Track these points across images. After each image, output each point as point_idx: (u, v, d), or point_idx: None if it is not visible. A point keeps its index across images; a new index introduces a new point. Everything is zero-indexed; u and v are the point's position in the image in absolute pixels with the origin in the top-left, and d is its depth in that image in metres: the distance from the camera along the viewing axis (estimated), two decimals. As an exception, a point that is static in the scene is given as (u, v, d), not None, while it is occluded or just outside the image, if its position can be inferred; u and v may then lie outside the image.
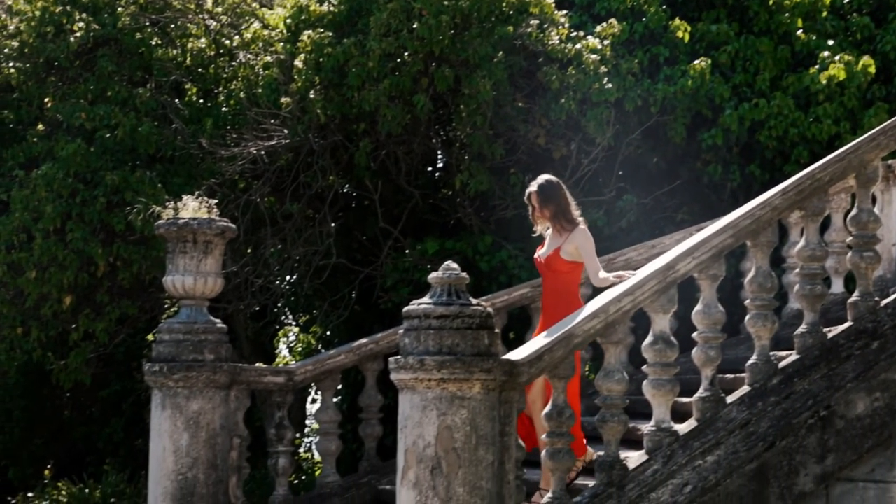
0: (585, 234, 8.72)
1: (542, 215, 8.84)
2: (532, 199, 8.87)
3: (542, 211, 8.81)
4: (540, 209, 8.82)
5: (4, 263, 11.72)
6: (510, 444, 7.23)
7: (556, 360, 7.52)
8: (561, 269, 8.69)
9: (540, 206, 8.81)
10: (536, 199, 8.82)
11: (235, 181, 12.86)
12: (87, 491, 11.14)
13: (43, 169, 11.81)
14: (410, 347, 7.12)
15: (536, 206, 8.83)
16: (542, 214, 8.83)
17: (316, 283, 13.12)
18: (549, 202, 8.76)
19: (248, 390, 9.99)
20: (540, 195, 8.80)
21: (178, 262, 9.69)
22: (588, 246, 8.65)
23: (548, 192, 8.78)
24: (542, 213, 8.81)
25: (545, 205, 8.78)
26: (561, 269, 8.69)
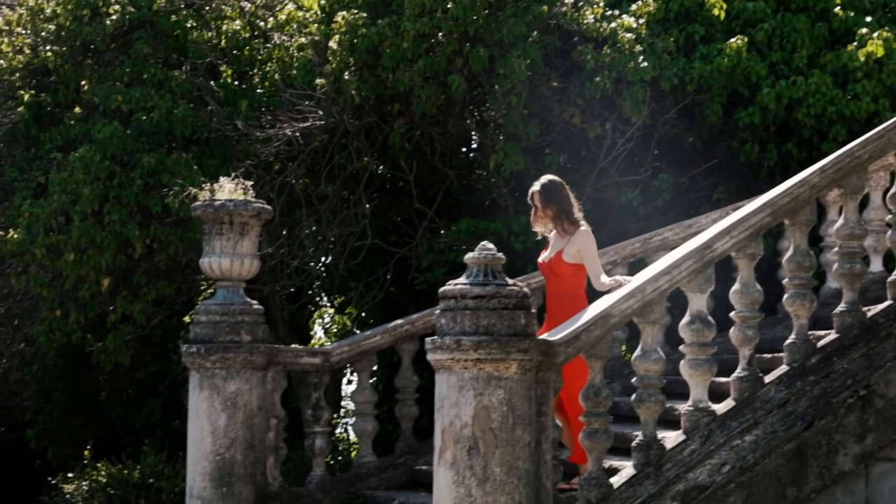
0: (588, 237, 8.63)
1: (544, 216, 8.75)
2: (534, 199, 8.77)
3: (544, 211, 8.72)
4: (542, 209, 8.73)
5: (43, 246, 11.78)
6: (547, 424, 7.24)
7: (593, 340, 7.52)
8: (564, 272, 8.59)
9: (542, 207, 8.72)
10: (539, 200, 8.73)
11: (270, 163, 12.88)
12: (126, 471, 11.19)
13: (80, 152, 11.86)
14: (447, 328, 7.13)
15: (539, 206, 8.73)
16: (544, 215, 8.74)
17: (351, 265, 13.14)
18: (552, 203, 8.67)
19: (285, 371, 10.04)
20: (542, 195, 8.71)
21: (214, 244, 9.74)
22: (590, 249, 8.56)
23: (550, 193, 8.69)
24: (545, 213, 8.72)
25: (547, 205, 8.70)
26: (564, 272, 8.59)
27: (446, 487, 7.06)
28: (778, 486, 7.78)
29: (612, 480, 7.62)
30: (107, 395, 17.55)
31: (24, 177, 12.57)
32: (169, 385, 15.94)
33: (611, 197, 12.43)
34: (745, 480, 7.72)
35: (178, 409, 15.35)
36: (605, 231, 12.48)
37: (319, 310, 18.25)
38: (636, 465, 7.68)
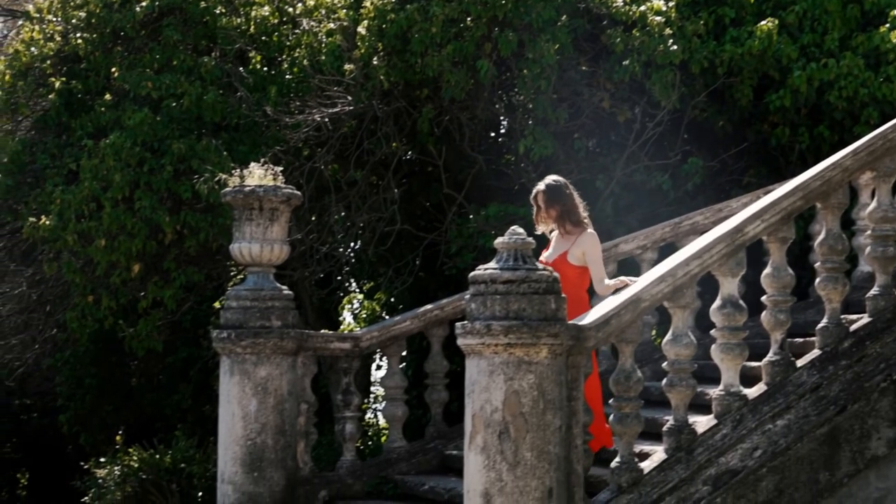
0: (593, 239, 8.53)
1: (547, 216, 8.64)
2: (538, 198, 8.66)
3: (547, 212, 8.61)
4: (546, 210, 8.61)
5: (75, 232, 11.84)
6: (578, 409, 7.22)
7: (624, 325, 7.49)
8: (568, 274, 8.34)
9: (546, 207, 8.60)
10: (542, 200, 8.61)
11: (299, 149, 12.90)
12: (158, 456, 11.26)
13: (111, 138, 11.91)
14: (477, 312, 7.11)
15: (542, 206, 8.61)
16: (547, 215, 8.63)
17: (380, 250, 13.16)
18: (556, 203, 8.57)
19: (315, 356, 10.05)
20: (546, 195, 8.60)
21: (244, 230, 9.75)
22: (595, 251, 8.46)
23: (554, 193, 8.59)
24: (549, 213, 8.61)
25: (551, 205, 8.59)
26: (568, 274, 8.34)
27: (477, 472, 7.05)
28: (810, 471, 7.74)
29: (643, 465, 7.61)
30: (137, 380, 17.65)
31: (55, 164, 12.64)
32: (199, 371, 16.01)
33: (640, 181, 12.40)
34: (777, 465, 7.68)
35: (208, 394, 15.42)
36: (634, 215, 12.47)
37: (348, 295, 18.28)
38: (667, 450, 7.66)
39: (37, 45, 13.26)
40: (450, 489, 9.30)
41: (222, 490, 9.67)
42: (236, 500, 9.54)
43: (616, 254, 11.03)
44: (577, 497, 7.18)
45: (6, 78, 13.17)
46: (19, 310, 15.94)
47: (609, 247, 11.07)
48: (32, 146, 13.05)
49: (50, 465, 22.91)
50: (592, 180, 12.49)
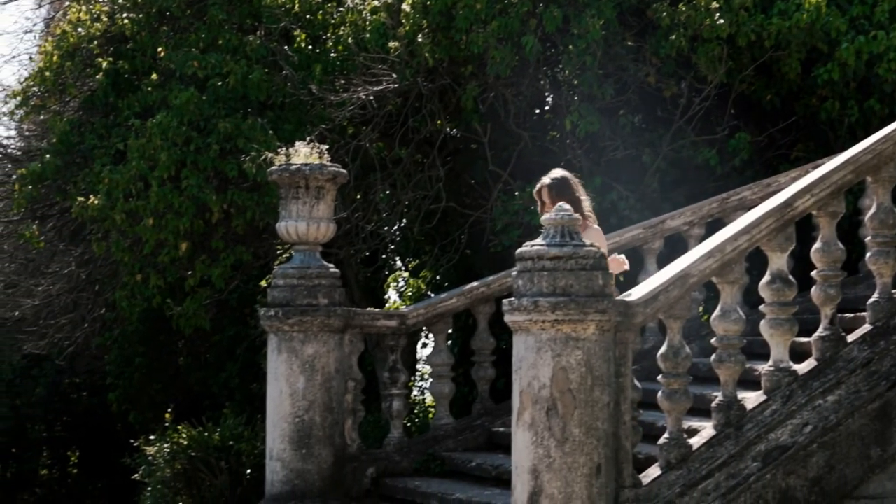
0: (599, 235, 8.38)
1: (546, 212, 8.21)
2: (543, 193, 8.50)
3: (549, 206, 8.33)
4: (552, 204, 8.30)
5: (123, 211, 11.92)
6: (626, 385, 7.20)
7: (672, 300, 7.46)
8: None
9: (551, 201, 8.35)
10: (548, 195, 8.44)
11: (344, 127, 12.91)
12: (206, 434, 11.33)
13: (158, 118, 11.97)
14: (524, 289, 7.10)
15: (548, 201, 8.41)
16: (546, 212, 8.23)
17: (425, 228, 13.16)
18: (562, 197, 8.27)
19: (362, 334, 10.08)
20: (553, 190, 8.43)
21: (290, 208, 9.78)
22: (602, 247, 8.10)
23: (560, 187, 8.43)
24: (550, 207, 8.24)
25: (557, 199, 8.25)
26: None
27: (525, 448, 7.06)
28: (861, 447, 7.68)
29: (692, 441, 7.57)
30: (185, 359, 17.80)
31: (103, 143, 12.72)
32: (246, 349, 16.12)
33: (687, 157, 12.32)
34: (827, 441, 7.63)
35: (255, 372, 15.53)
36: (681, 191, 12.39)
37: (394, 273, 18.32)
38: (716, 426, 7.62)
39: (84, 25, 13.34)
40: (497, 466, 9.31)
41: (271, 467, 9.74)
42: (285, 476, 9.60)
43: (663, 230, 10.97)
44: (625, 473, 7.18)
45: (54, 59, 13.25)
46: (69, 289, 16.10)
47: (656, 223, 11.02)
48: (80, 126, 13.14)
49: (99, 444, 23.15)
50: (639, 156, 12.42)
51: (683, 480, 7.37)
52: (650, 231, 10.96)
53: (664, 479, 7.35)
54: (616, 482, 7.12)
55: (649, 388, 8.28)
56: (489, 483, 9.24)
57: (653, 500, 7.24)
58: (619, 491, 7.13)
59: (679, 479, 7.38)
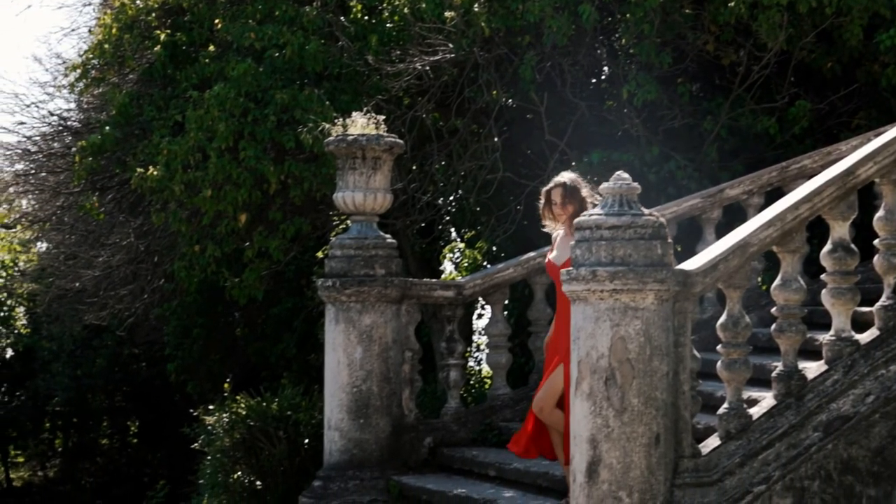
0: None
1: (562, 212, 8.18)
2: (554, 195, 8.22)
3: (563, 208, 8.17)
4: (562, 206, 8.17)
5: (181, 182, 12.00)
6: (685, 355, 7.16)
7: (731, 269, 7.40)
8: None
9: (562, 203, 8.17)
10: (560, 195, 8.18)
11: (401, 97, 12.90)
12: (265, 404, 11.41)
13: (215, 89, 12.02)
14: (582, 259, 7.08)
15: (558, 202, 8.18)
16: (563, 212, 8.17)
17: (482, 198, 13.13)
18: (573, 200, 8.15)
19: (419, 304, 10.10)
20: (565, 192, 8.17)
21: (347, 179, 9.80)
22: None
23: (573, 190, 8.17)
24: (564, 210, 8.16)
25: (568, 202, 8.16)
26: None
27: (583, 418, 7.05)
28: (924, 417, 7.61)
29: (752, 411, 7.52)
30: (242, 330, 17.93)
31: (161, 115, 12.80)
32: (303, 320, 16.21)
33: (746, 125, 12.19)
34: (890, 411, 7.55)
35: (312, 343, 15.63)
36: (740, 160, 12.28)
37: (450, 244, 18.33)
38: (776, 396, 7.56)
39: (142, -3, 13.41)
40: (556, 434, 9.30)
41: (329, 436, 9.80)
42: (343, 446, 9.66)
43: (721, 199, 10.88)
44: (684, 443, 7.15)
45: (113, 31, 13.33)
46: (128, 260, 16.25)
47: (714, 192, 10.93)
48: (139, 98, 13.23)
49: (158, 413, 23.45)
50: (697, 125, 12.32)
51: (743, 450, 7.33)
52: (708, 201, 10.87)
53: (723, 449, 7.32)
54: (675, 452, 7.10)
55: (708, 359, 8.24)
56: (547, 453, 9.23)
57: (712, 470, 7.21)
58: (679, 461, 7.11)
59: (739, 449, 7.34)
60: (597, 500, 6.94)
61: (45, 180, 17.11)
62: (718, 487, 7.18)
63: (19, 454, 27.71)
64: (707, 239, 10.70)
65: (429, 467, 9.85)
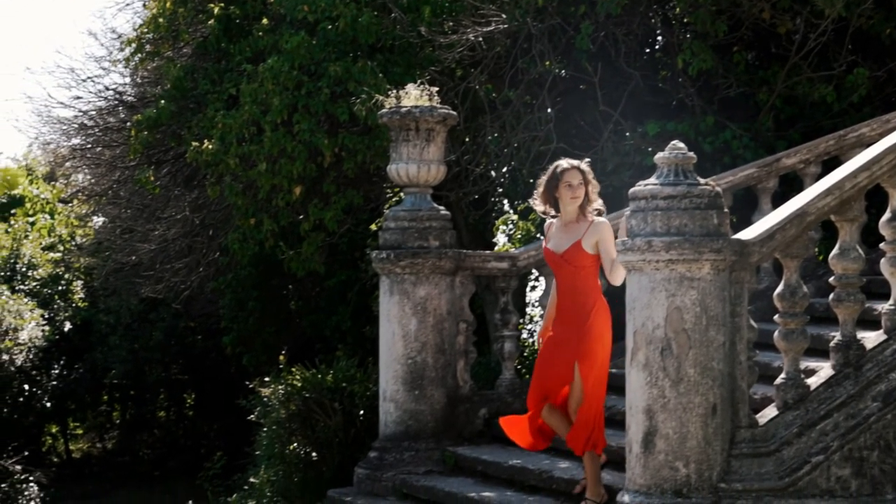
0: (609, 229, 7.90)
1: (574, 196, 7.86)
2: (573, 175, 7.88)
3: (578, 190, 7.86)
4: (577, 188, 7.86)
5: (236, 156, 12.05)
6: (742, 325, 7.13)
7: (789, 239, 7.35)
8: (584, 263, 7.89)
9: (580, 185, 7.88)
10: (580, 177, 7.88)
11: (453, 69, 12.87)
12: (320, 376, 11.46)
13: (269, 62, 12.05)
14: (637, 229, 7.06)
15: (575, 184, 7.88)
16: (575, 195, 7.85)
17: (535, 169, 13.07)
18: (587, 184, 7.93)
19: (473, 276, 10.10)
20: (584, 174, 7.91)
21: (401, 151, 9.81)
22: (611, 240, 7.78)
23: (587, 175, 7.94)
24: (577, 193, 7.85)
25: (586, 184, 7.91)
26: (584, 263, 7.89)
27: (639, 388, 7.04)
28: (985, 387, 7.51)
29: (809, 381, 7.47)
30: (296, 303, 18.00)
31: (215, 89, 12.86)
32: (358, 292, 16.24)
33: (803, 94, 12.05)
34: (949, 381, 7.48)
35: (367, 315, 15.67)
36: (796, 129, 12.16)
37: (503, 216, 18.29)
38: (835, 366, 7.50)
39: (196, -28, 13.47)
40: (609, 407, 9.28)
41: (384, 408, 9.85)
42: (398, 417, 9.71)
43: (777, 168, 10.79)
44: (741, 414, 7.12)
45: (167, 5, 13.40)
46: (183, 234, 16.38)
47: (770, 161, 10.84)
48: (193, 72, 13.30)
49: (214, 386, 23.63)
50: (752, 94, 12.20)
51: (801, 421, 7.29)
52: (764, 170, 10.78)
53: (781, 419, 7.28)
54: (732, 422, 7.08)
55: (765, 329, 8.18)
56: (602, 424, 9.22)
57: (769, 441, 7.18)
58: (735, 431, 7.09)
59: (796, 419, 7.30)
60: (653, 471, 6.93)
61: (101, 155, 17.26)
62: (776, 458, 7.15)
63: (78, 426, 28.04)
64: (763, 209, 10.61)
65: (483, 438, 9.87)
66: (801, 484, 7.16)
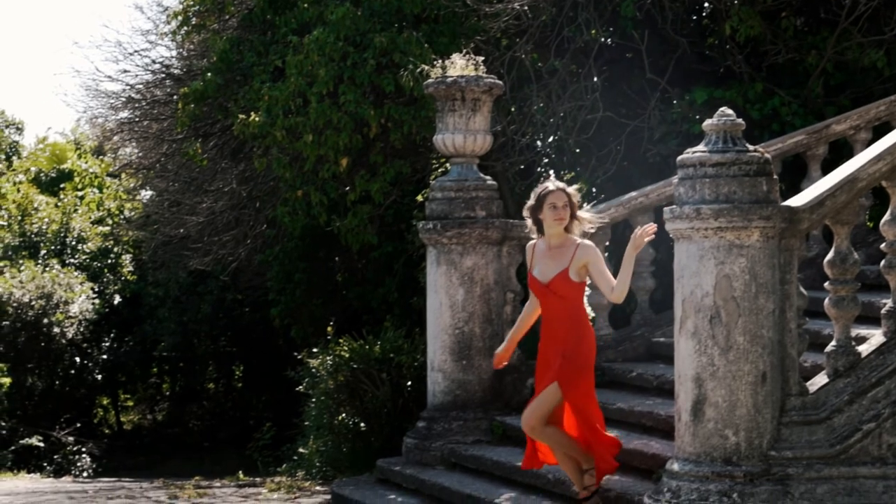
0: (596, 251, 7.51)
1: (558, 218, 7.47)
2: (557, 196, 7.49)
3: (563, 212, 7.47)
4: (562, 209, 7.48)
5: (283, 128, 12.07)
6: (791, 292, 7.08)
7: (839, 206, 7.28)
8: (570, 295, 7.51)
9: (563, 207, 7.48)
10: (564, 199, 7.50)
11: (499, 38, 12.83)
12: (367, 347, 11.51)
13: (314, 34, 12.05)
14: (685, 197, 7.02)
15: (560, 206, 7.48)
16: (558, 217, 7.47)
17: (581, 139, 13.04)
18: (572, 206, 7.55)
19: (519, 246, 10.08)
20: (567, 196, 7.51)
21: (447, 121, 9.80)
22: (601, 262, 7.45)
23: (573, 197, 7.55)
24: (563, 214, 7.47)
25: (569, 207, 7.52)
26: (570, 295, 7.51)
27: (688, 357, 7.01)
28: None
29: (860, 349, 7.41)
30: (343, 275, 18.05)
31: (261, 61, 12.88)
32: (404, 264, 16.26)
33: (853, 59, 11.92)
34: None
35: (413, 286, 15.68)
36: (846, 95, 12.03)
37: (549, 186, 18.22)
38: (886, 333, 7.43)
39: (240, -57, 13.48)
40: (658, 376, 9.28)
41: (432, 378, 9.88)
42: (446, 387, 9.74)
43: (827, 135, 10.68)
44: (791, 381, 7.08)
45: (212, -22, 13.45)
46: (231, 206, 16.47)
47: (820, 128, 10.73)
48: (239, 44, 13.32)
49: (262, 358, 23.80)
50: (801, 60, 12.08)
51: (852, 388, 7.23)
52: (814, 137, 10.68)
53: (831, 386, 7.23)
54: (782, 390, 7.04)
55: (815, 297, 8.11)
56: (650, 392, 9.22)
57: (820, 408, 7.13)
58: (786, 399, 7.05)
59: (847, 386, 7.24)
60: (703, 439, 6.91)
61: (148, 128, 17.38)
62: (826, 425, 7.10)
63: (129, 398, 28.38)
64: (812, 176, 10.53)
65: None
66: (853, 451, 7.11)
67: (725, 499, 6.79)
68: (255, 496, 11.13)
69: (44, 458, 18.97)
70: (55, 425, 20.61)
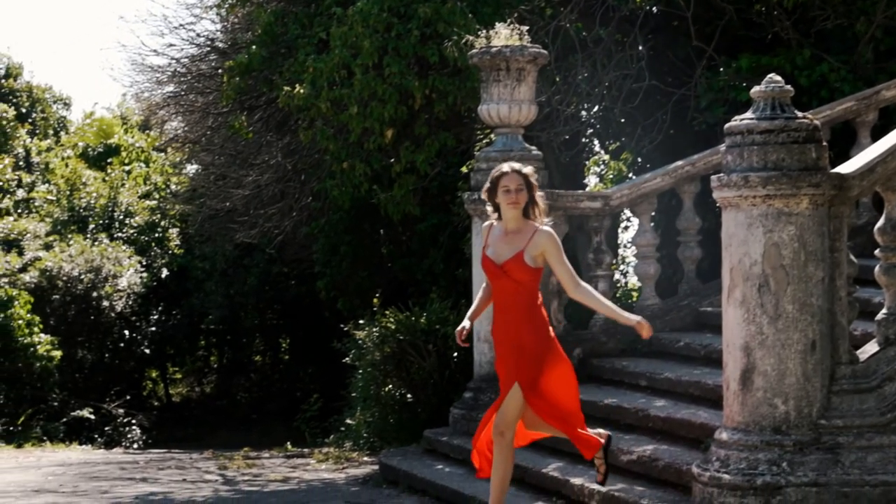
0: (554, 238, 7.03)
1: (512, 202, 6.97)
2: (511, 179, 7.01)
3: (517, 196, 7.00)
4: (517, 194, 7.00)
5: (328, 100, 12.06)
6: (841, 260, 7.02)
7: (890, 172, 7.20)
8: (524, 279, 7.00)
9: (517, 190, 6.99)
10: (519, 182, 7.01)
11: (543, 8, 12.76)
12: (413, 318, 11.54)
13: (359, 5, 12.02)
14: (733, 164, 6.96)
15: (513, 189, 6.98)
16: (512, 201, 6.97)
17: (627, 108, 12.96)
18: (530, 189, 7.08)
19: (565, 216, 10.07)
20: (524, 178, 7.03)
21: (491, 91, 9.77)
22: (559, 251, 7.00)
23: (530, 178, 7.08)
24: (518, 198, 6.99)
25: (526, 190, 7.03)
26: (524, 279, 7.00)
27: (736, 326, 6.96)
28: None
29: (909, 316, 7.34)
30: (388, 247, 18.08)
31: (306, 33, 12.87)
32: (449, 235, 16.26)
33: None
34: None
35: (458, 258, 15.68)
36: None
37: (594, 156, 18.16)
38: (929, 304, 7.36)
39: (283, -84, 13.44)
40: (705, 345, 9.24)
41: (479, 349, 9.90)
42: (493, 358, 9.65)
43: (877, 101, 10.57)
44: (841, 349, 7.02)
45: (256, -48, 13.43)
46: (276, 179, 16.51)
47: (870, 94, 10.62)
48: (284, 17, 13.30)
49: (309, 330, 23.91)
50: (851, 25, 11.93)
51: (903, 357, 7.17)
52: (863, 103, 10.57)
53: (882, 355, 7.16)
54: (832, 358, 6.98)
55: (865, 265, 8.05)
56: (698, 362, 9.19)
57: (870, 377, 7.07)
58: (835, 367, 6.99)
59: (898, 355, 7.18)
60: (751, 408, 6.88)
61: (193, 102, 17.43)
62: (877, 394, 7.04)
63: (177, 371, 28.62)
64: (862, 143, 10.42)
65: (578, 377, 9.84)
66: (904, 420, 7.06)
67: (775, 468, 6.75)
68: (303, 466, 11.21)
69: (95, 430, 19.19)
70: (105, 398, 20.84)
